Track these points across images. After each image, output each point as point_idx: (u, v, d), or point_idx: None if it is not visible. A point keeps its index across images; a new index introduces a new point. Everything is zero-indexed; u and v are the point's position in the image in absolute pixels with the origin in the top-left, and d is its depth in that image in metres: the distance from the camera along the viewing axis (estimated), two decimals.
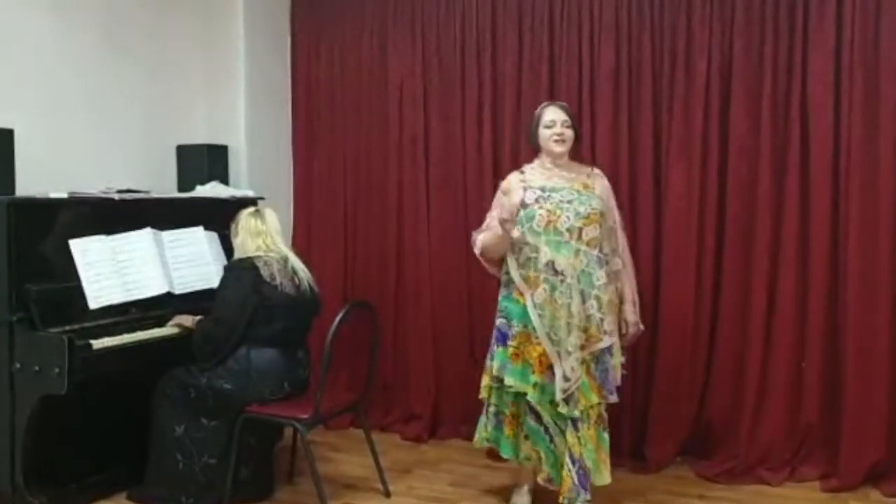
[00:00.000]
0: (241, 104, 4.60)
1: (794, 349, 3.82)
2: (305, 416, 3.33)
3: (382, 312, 4.32)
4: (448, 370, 4.51)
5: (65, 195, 3.49)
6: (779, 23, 3.80)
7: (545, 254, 3.20)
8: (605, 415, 3.34)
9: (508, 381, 3.27)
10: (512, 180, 3.37)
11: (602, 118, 4.09)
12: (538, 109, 3.42)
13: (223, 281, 3.52)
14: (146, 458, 3.53)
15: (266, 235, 3.51)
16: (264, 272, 3.39)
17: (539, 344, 3.22)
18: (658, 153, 4.05)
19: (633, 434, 4.07)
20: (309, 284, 3.54)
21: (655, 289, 4.00)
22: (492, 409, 3.40)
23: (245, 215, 3.56)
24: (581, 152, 4.08)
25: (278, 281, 3.40)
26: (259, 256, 3.44)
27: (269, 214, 3.58)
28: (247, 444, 3.49)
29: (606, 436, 3.35)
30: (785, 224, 3.82)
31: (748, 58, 3.85)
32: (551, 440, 3.27)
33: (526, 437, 3.33)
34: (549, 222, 3.21)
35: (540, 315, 3.21)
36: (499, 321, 3.34)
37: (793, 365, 3.82)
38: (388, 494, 3.69)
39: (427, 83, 4.52)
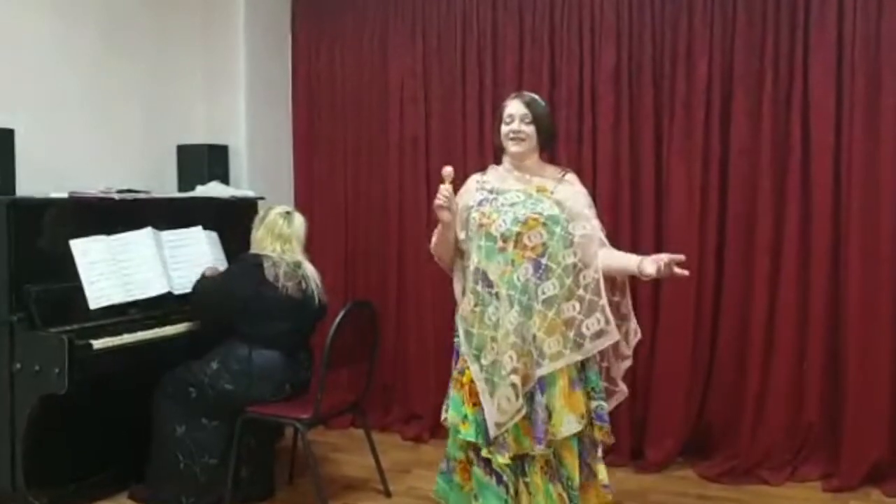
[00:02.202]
0: (241, 104, 4.60)
1: (795, 349, 3.81)
2: (306, 416, 3.33)
3: (383, 312, 4.32)
4: (448, 370, 4.48)
5: (65, 195, 3.50)
6: (780, 23, 3.80)
7: (473, 261, 2.77)
8: (556, 462, 2.75)
9: (445, 414, 2.83)
10: (469, 180, 2.98)
11: (603, 118, 4.08)
12: (503, 102, 2.95)
13: (229, 268, 3.61)
14: (147, 457, 3.53)
15: (286, 241, 3.49)
16: (269, 272, 3.39)
17: (468, 369, 2.77)
18: (659, 153, 4.04)
19: (633, 434, 4.07)
20: (318, 294, 3.54)
21: (656, 288, 3.99)
22: (448, 450, 2.92)
23: (274, 214, 3.54)
24: (581, 152, 4.11)
25: (281, 282, 3.40)
26: (269, 256, 3.43)
27: (298, 219, 3.57)
28: (247, 444, 3.49)
29: (554, 490, 2.73)
30: (786, 224, 3.81)
31: (749, 58, 3.85)
32: (507, 491, 2.73)
33: (475, 498, 2.79)
34: (481, 225, 2.76)
35: (467, 331, 2.77)
36: (455, 340, 2.91)
37: (794, 365, 3.81)
38: (388, 494, 3.69)
39: (427, 83, 4.52)
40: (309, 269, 3.54)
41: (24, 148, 3.49)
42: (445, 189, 2.77)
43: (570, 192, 2.83)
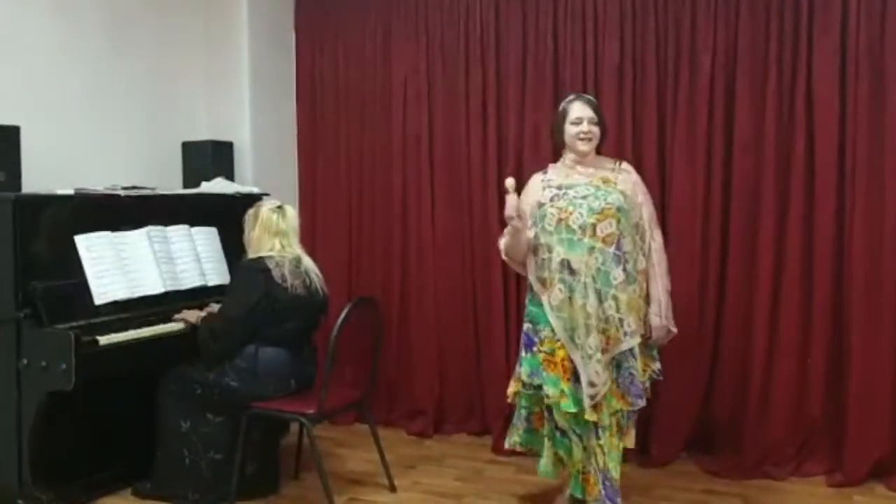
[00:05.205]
0: (245, 101, 4.61)
1: (798, 345, 3.81)
2: (311, 412, 3.33)
3: (387, 308, 4.34)
4: (452, 366, 4.52)
5: (70, 192, 3.50)
6: (784, 18, 3.79)
7: (558, 253, 3.04)
8: (623, 422, 3.18)
9: (547, 390, 3.07)
10: (533, 180, 3.26)
11: (606, 114, 4.05)
12: (563, 104, 3.24)
13: (235, 280, 3.53)
14: (152, 453, 3.55)
15: (284, 235, 3.48)
16: (276, 273, 3.38)
17: (562, 347, 3.06)
18: (662, 149, 4.04)
19: (638, 429, 4.02)
20: (319, 286, 3.54)
21: None
22: (522, 411, 3.27)
23: (266, 211, 3.51)
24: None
25: (289, 282, 3.39)
26: (272, 257, 3.42)
27: (290, 212, 3.55)
28: (252, 439, 3.49)
29: (620, 444, 3.19)
30: (790, 219, 3.81)
31: (753, 53, 3.84)
32: (566, 443, 3.17)
33: (548, 438, 3.21)
34: (559, 220, 3.06)
35: (559, 317, 3.05)
36: (525, 326, 3.20)
37: (797, 360, 3.81)
38: (393, 489, 3.70)
39: (431, 80, 4.52)
40: (308, 262, 3.53)
41: (30, 145, 3.49)
42: (513, 199, 3.02)
43: (630, 183, 3.17)
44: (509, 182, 3.03)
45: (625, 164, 3.25)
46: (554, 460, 3.23)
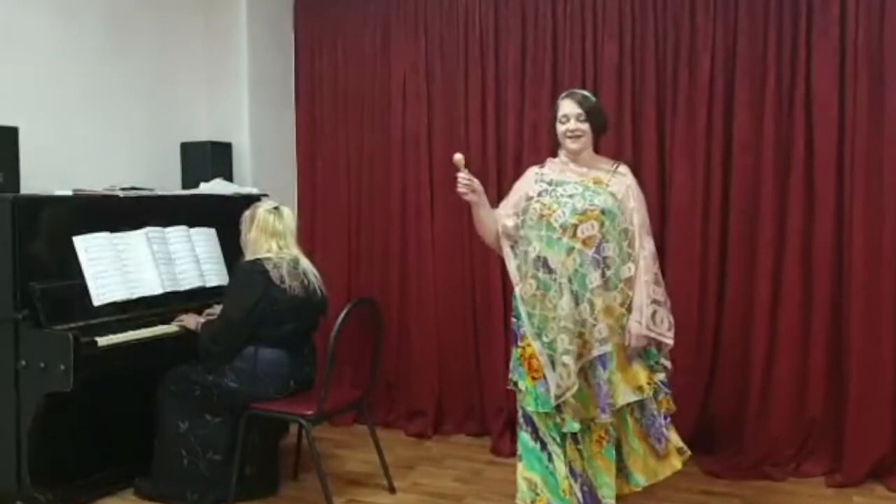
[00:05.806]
0: (244, 101, 4.61)
1: (798, 344, 3.81)
2: (310, 413, 3.33)
3: (386, 309, 4.33)
4: (452, 367, 4.52)
5: (69, 193, 3.51)
6: (783, 18, 3.79)
7: (534, 248, 2.98)
8: (613, 431, 3.02)
9: (521, 384, 3.03)
10: (528, 172, 3.20)
11: None
12: (556, 101, 3.16)
13: (233, 283, 3.53)
14: (152, 454, 3.55)
15: (281, 237, 3.47)
16: (274, 275, 3.37)
17: (530, 344, 2.99)
18: (661, 149, 4.04)
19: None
20: (318, 286, 3.54)
21: None
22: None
23: (263, 212, 3.50)
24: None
25: (287, 283, 3.39)
26: (269, 258, 3.42)
27: (287, 213, 3.54)
28: (251, 440, 3.49)
29: (612, 452, 3.03)
30: (789, 219, 3.81)
31: (752, 53, 3.84)
32: (549, 458, 3.00)
33: (519, 459, 3.06)
34: (541, 216, 2.98)
35: (529, 313, 2.99)
36: (512, 320, 3.13)
37: (797, 360, 3.81)
38: (392, 490, 3.70)
39: (430, 80, 4.52)
40: (306, 263, 3.53)
41: (29, 146, 3.49)
42: (463, 176, 3.02)
43: (623, 186, 3.06)
44: (458, 158, 3.01)
45: (622, 167, 3.13)
46: (529, 485, 3.04)
